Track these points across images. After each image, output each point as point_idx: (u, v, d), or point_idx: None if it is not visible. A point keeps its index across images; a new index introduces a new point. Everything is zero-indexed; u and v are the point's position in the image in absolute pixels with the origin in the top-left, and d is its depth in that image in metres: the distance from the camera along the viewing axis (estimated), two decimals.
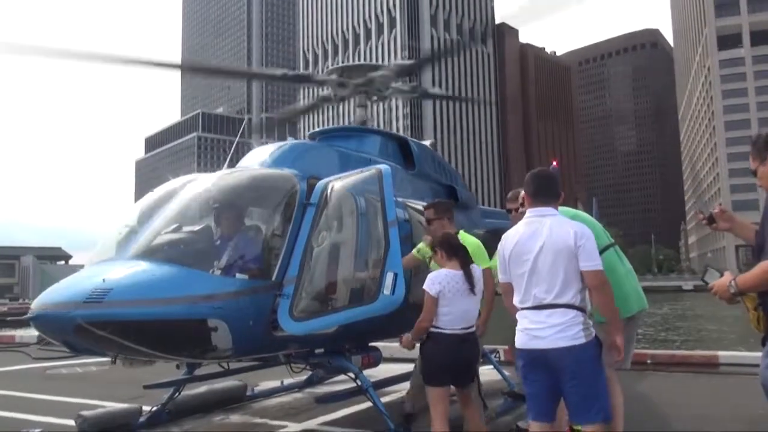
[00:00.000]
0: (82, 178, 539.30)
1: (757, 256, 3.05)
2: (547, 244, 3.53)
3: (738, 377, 8.61)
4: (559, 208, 4.22)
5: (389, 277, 4.95)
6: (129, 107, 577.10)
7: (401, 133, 10.21)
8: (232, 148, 7.87)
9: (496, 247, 7.15)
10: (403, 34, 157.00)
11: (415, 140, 8.42)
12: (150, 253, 4.86)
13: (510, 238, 3.73)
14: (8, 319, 40.31)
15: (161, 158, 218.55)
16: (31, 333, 17.05)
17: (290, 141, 6.77)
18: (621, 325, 3.79)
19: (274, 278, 5.08)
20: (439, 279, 4.50)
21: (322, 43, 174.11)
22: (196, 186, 5.69)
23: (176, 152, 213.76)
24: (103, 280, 4.45)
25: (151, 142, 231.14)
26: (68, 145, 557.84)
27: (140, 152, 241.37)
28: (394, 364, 8.00)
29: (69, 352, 12.80)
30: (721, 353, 9.33)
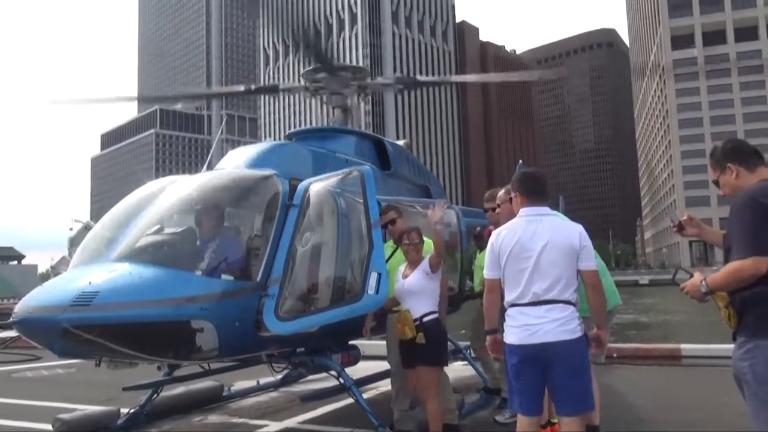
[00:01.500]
0: (34, 175, 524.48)
1: (726, 258, 3.23)
2: (552, 242, 3.67)
3: (699, 369, 8.96)
4: None
5: (373, 277, 5.06)
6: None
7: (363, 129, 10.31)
8: (212, 149, 7.83)
9: (475, 246, 7.43)
10: (364, 31, 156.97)
11: (390, 140, 8.53)
12: (135, 255, 4.85)
13: (508, 235, 3.78)
14: None
15: (119, 155, 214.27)
16: None
17: (269, 141, 6.81)
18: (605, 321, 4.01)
19: (259, 279, 5.12)
20: None
21: (283, 39, 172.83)
22: (178, 187, 5.69)
23: (134, 149, 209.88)
24: (89, 282, 4.44)
25: (108, 139, 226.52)
26: (19, 141, 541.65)
27: (96, 149, 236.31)
28: (371, 362, 8.09)
29: (31, 356, 12.58)
30: (683, 346, 9.67)
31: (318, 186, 5.62)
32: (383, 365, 7.14)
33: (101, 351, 4.55)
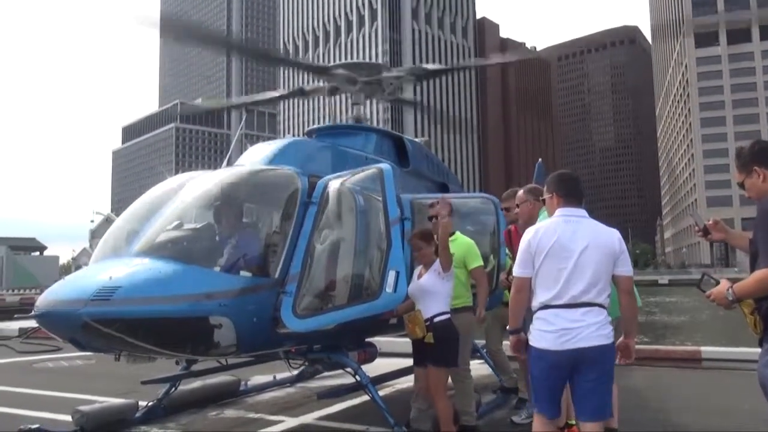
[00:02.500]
0: (57, 168, 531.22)
1: (752, 264, 3.17)
2: (593, 244, 3.60)
3: (720, 372, 8.85)
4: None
5: (391, 275, 5.03)
6: (105, 96, 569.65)
7: (382, 127, 10.24)
8: (231, 145, 7.85)
9: (486, 244, 7.30)
10: (384, 27, 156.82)
11: (409, 138, 8.51)
12: (156, 251, 4.88)
13: (546, 233, 3.67)
14: None
15: (139, 148, 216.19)
16: (12, 326, 16.87)
17: (289, 138, 6.82)
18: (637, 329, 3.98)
19: (277, 275, 5.13)
20: None
21: (303, 34, 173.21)
22: (198, 183, 5.70)
23: (154, 143, 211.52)
24: (110, 277, 4.46)
25: (129, 132, 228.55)
26: (42, 134, 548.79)
27: (117, 142, 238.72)
28: (388, 359, 8.08)
29: (52, 346, 12.70)
30: (703, 348, 9.55)
31: (337, 183, 5.62)
32: (401, 362, 7.14)
33: (120, 345, 4.59)
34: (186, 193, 5.54)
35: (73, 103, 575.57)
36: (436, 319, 5.21)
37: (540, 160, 13.43)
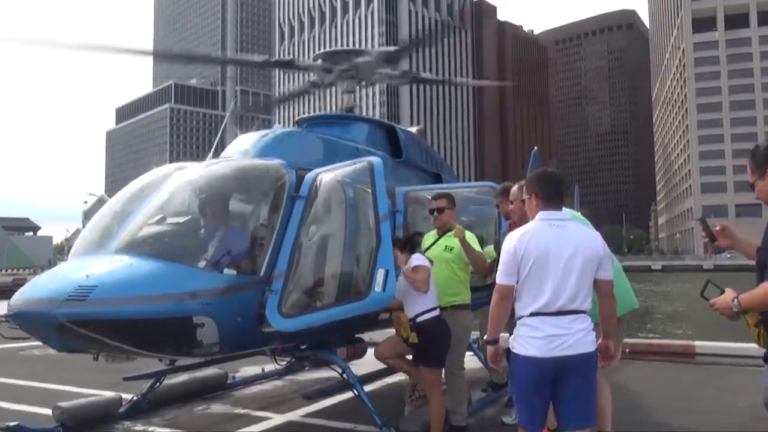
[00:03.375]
0: (51, 147, 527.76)
1: (760, 274, 3.04)
2: (579, 250, 3.49)
3: (713, 367, 8.76)
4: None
5: (380, 274, 4.88)
6: (99, 75, 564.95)
7: (378, 118, 9.98)
8: (219, 132, 7.61)
9: (489, 236, 7.08)
10: (380, 9, 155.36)
11: (402, 127, 8.31)
12: (135, 247, 4.70)
13: (533, 239, 3.52)
14: None
15: (133, 129, 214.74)
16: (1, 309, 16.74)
17: (277, 128, 6.61)
18: (616, 331, 3.85)
19: (262, 273, 4.97)
20: None
21: (299, 15, 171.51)
22: (181, 176, 5.50)
23: (148, 123, 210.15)
24: (87, 276, 4.29)
25: (122, 113, 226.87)
26: (36, 114, 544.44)
27: (111, 123, 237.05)
28: None
29: None
30: (697, 343, 9.45)
31: (326, 177, 5.44)
32: None
33: (98, 346, 4.43)
34: (169, 186, 5.35)
35: (67, 82, 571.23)
36: (419, 319, 5.14)
37: (535, 148, 13.16)
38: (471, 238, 5.75)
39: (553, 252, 3.46)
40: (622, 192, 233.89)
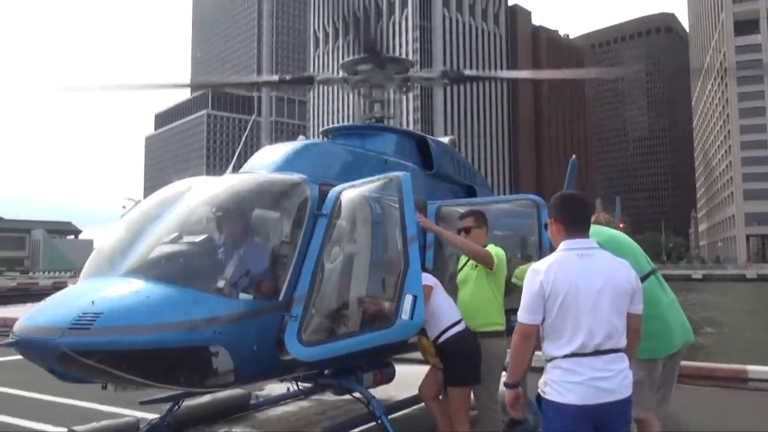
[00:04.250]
0: (92, 152, 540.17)
1: None
2: (610, 283, 3.14)
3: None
4: (595, 227, 3.91)
5: (407, 300, 4.49)
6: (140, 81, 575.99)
7: (411, 126, 9.52)
8: (242, 140, 7.33)
9: (528, 256, 6.56)
10: (414, 14, 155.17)
11: (433, 138, 7.93)
12: (145, 270, 4.41)
13: (560, 272, 3.15)
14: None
15: (171, 135, 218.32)
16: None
17: (301, 140, 6.29)
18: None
19: (281, 297, 4.65)
20: None
21: (333, 22, 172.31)
22: (198, 192, 5.21)
23: (186, 129, 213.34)
24: (92, 302, 4.01)
25: (161, 119, 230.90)
26: (78, 119, 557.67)
27: (150, 128, 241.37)
28: (413, 366, 7.42)
29: None
30: (750, 368, 8.86)
31: (351, 193, 5.09)
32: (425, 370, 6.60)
33: (104, 377, 4.15)
34: (184, 203, 5.06)
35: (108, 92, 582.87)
36: (440, 340, 4.87)
37: (573, 156, 12.68)
38: (498, 256, 5.20)
39: (584, 286, 3.10)
40: (661, 198, 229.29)
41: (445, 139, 8.37)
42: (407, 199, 4.86)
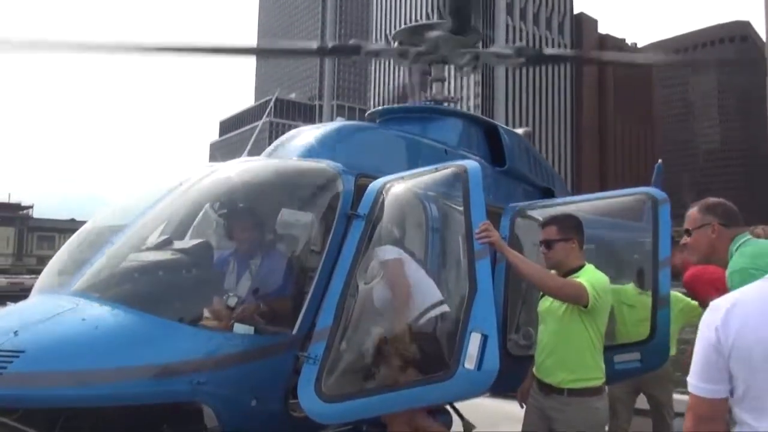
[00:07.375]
0: (157, 157, 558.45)
1: None
2: None
3: None
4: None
5: (473, 341, 3.04)
6: (206, 90, 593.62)
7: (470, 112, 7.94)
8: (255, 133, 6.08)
9: (613, 275, 5.01)
10: (477, 22, 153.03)
11: (506, 128, 6.48)
12: (103, 288, 3.15)
13: (749, 316, 1.92)
14: None
15: (234, 141, 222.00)
16: None
17: (339, 121, 4.97)
18: None
19: (296, 331, 3.30)
20: None
21: (395, 29, 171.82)
22: (192, 185, 3.86)
23: (249, 136, 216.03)
24: (15, 333, 2.75)
25: (226, 126, 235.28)
26: (147, 125, 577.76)
27: (214, 135, 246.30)
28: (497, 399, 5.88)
29: None
30: None
31: (397, 189, 3.69)
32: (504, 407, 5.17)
33: None
34: (174, 197, 3.74)
35: (176, 98, 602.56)
36: None
37: (660, 161, 11.76)
38: (596, 289, 3.54)
39: None
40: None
41: (520, 131, 6.89)
42: (475, 198, 3.44)
